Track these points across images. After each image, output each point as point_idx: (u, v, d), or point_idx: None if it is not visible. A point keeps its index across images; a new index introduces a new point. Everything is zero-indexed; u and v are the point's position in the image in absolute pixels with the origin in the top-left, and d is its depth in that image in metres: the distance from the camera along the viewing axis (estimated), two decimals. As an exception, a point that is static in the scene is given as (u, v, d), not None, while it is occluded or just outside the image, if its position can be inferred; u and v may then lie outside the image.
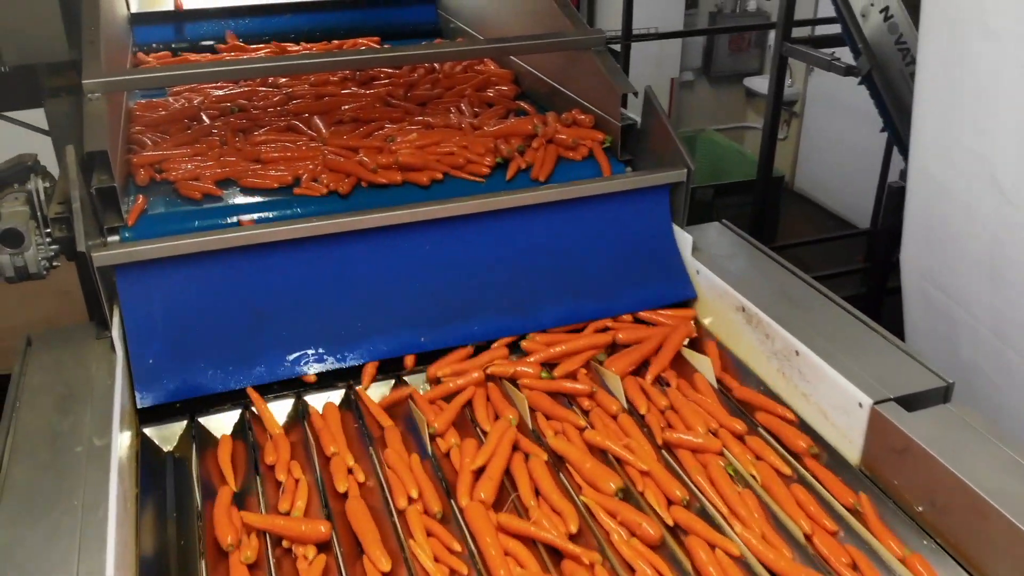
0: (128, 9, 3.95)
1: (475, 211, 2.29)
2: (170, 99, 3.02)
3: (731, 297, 2.26)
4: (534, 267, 2.37)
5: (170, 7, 4.05)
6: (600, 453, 1.98)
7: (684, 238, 2.47)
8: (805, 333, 2.07)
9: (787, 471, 1.92)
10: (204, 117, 2.81)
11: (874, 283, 5.27)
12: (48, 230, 2.28)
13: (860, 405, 1.86)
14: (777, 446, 2.00)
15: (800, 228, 7.65)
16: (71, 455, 1.70)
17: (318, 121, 2.70)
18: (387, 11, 4.32)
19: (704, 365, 2.24)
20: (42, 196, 2.28)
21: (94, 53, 2.50)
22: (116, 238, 2.28)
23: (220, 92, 3.06)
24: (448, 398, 2.15)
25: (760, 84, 8.47)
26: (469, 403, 2.14)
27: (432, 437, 2.03)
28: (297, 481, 1.90)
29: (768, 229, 6.32)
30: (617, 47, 5.42)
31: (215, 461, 1.99)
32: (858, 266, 6.68)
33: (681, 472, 1.95)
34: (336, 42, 3.84)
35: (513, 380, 2.20)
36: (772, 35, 8.24)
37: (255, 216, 2.30)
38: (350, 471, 1.91)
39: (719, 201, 6.45)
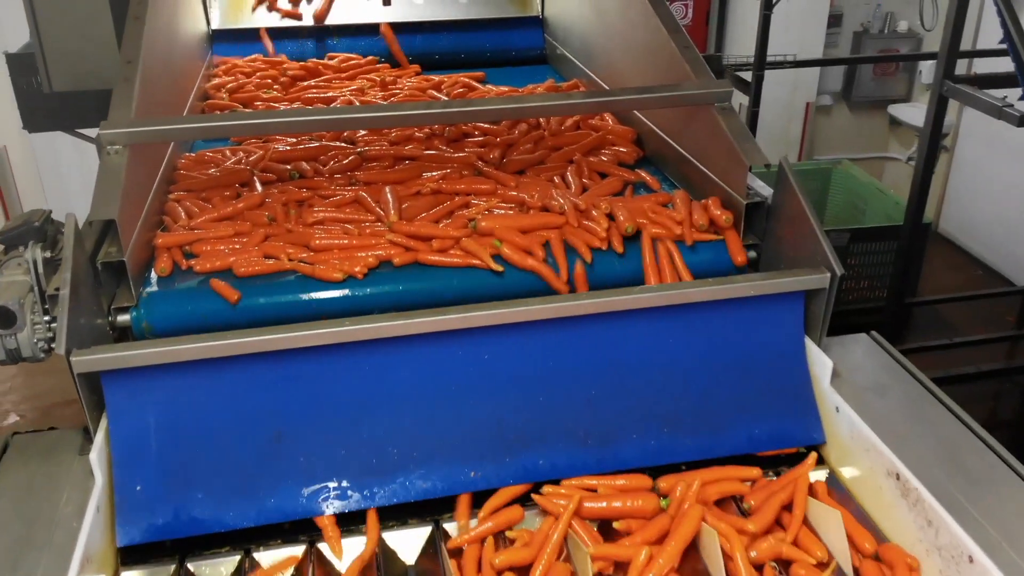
0: (208, 25, 3.65)
1: (551, 316, 1.81)
2: (227, 151, 2.63)
3: (882, 457, 1.70)
4: (620, 387, 1.87)
5: (257, 22, 3.73)
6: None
7: (820, 361, 1.92)
8: (984, 533, 1.51)
9: None
10: (256, 182, 2.36)
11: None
12: (48, 306, 1.94)
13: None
14: None
15: (944, 278, 6.83)
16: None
17: (389, 195, 2.19)
18: (491, 34, 3.91)
19: (833, 531, 1.68)
20: (40, 268, 1.93)
21: (125, 94, 2.15)
22: (126, 317, 1.93)
23: (285, 146, 2.64)
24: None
25: (907, 113, 7.65)
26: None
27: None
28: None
29: (910, 281, 5.60)
30: (748, 75, 4.84)
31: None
32: (1010, 332, 5.87)
33: None
34: (436, 78, 3.39)
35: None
36: (924, 62, 7.50)
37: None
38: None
39: (855, 247, 5.74)
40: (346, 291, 1.98)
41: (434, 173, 2.41)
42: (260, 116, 2.15)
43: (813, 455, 1.84)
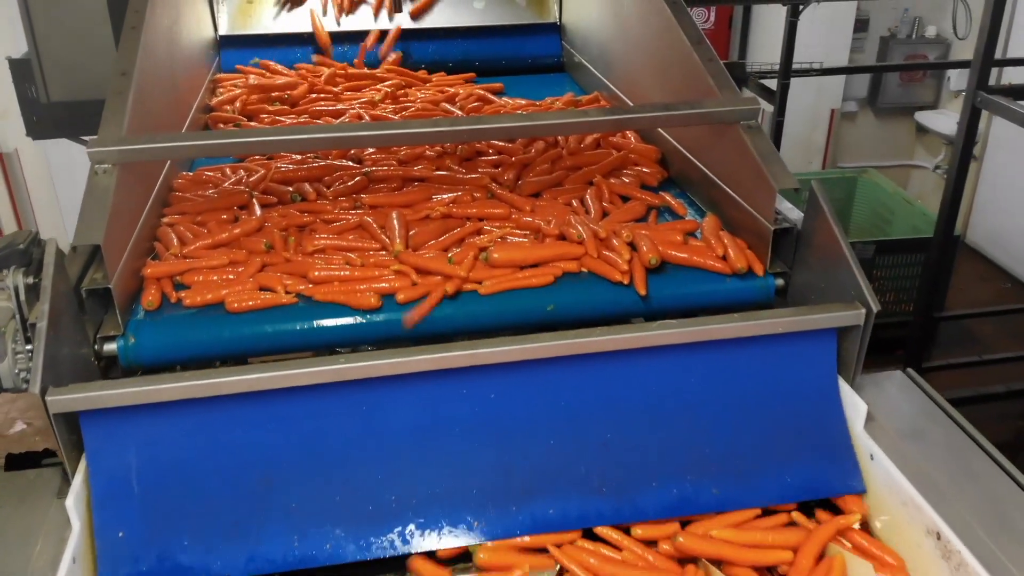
0: (215, 30, 3.55)
1: (563, 353, 1.69)
2: (227, 169, 2.50)
3: (921, 513, 1.56)
4: (638, 431, 1.74)
5: (263, 30, 3.62)
6: None
7: (854, 403, 1.79)
8: (1040, 606, 1.37)
9: None
10: (256, 205, 2.21)
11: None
12: (30, 334, 1.83)
13: None
14: None
15: (971, 290, 6.65)
16: None
17: (395, 221, 2.05)
18: (507, 41, 3.78)
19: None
20: (22, 294, 1.82)
21: (116, 109, 2.04)
22: (113, 347, 1.82)
23: (289, 164, 2.50)
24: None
25: (934, 120, 7.46)
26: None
27: None
28: None
29: (938, 296, 5.43)
30: (773, 83, 4.68)
31: None
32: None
33: None
34: (451, 89, 3.26)
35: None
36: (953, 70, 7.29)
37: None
38: None
39: (881, 260, 5.57)
40: (355, 319, 1.86)
41: (444, 196, 2.27)
42: (258, 134, 2.03)
43: (856, 514, 1.69)
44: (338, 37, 3.65)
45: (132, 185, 1.98)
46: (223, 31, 3.57)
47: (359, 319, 1.85)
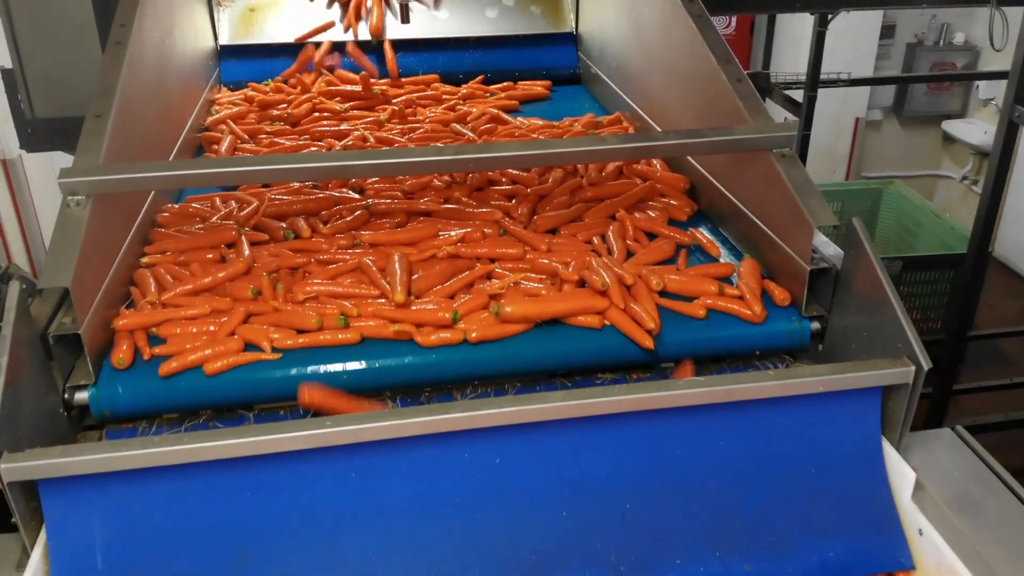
0: (215, 40, 3.39)
1: (577, 415, 1.51)
2: (218, 200, 2.32)
3: (980, 605, 1.38)
4: (661, 501, 1.56)
5: (267, 39, 3.47)
6: None
7: (900, 470, 1.60)
8: None
9: None
10: (244, 244, 2.00)
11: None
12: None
13: None
14: None
15: (1001, 306, 6.43)
16: None
17: (397, 265, 1.85)
18: (521, 52, 3.61)
19: None
20: (-18, 340, 1.66)
21: (95, 133, 1.88)
22: (84, 395, 1.66)
23: (283, 195, 2.30)
24: None
25: (962, 129, 7.24)
26: None
27: None
28: None
29: (969, 315, 5.21)
30: (799, 94, 4.49)
31: None
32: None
33: None
34: (463, 108, 3.07)
35: None
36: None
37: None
38: None
39: (908, 276, 5.36)
40: (358, 363, 1.71)
41: (452, 233, 2.08)
42: (245, 163, 1.86)
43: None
44: (347, 47, 3.50)
45: (109, 218, 1.82)
46: (224, 41, 3.42)
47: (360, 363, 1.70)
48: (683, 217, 2.26)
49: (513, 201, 2.26)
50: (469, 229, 2.09)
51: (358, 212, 2.17)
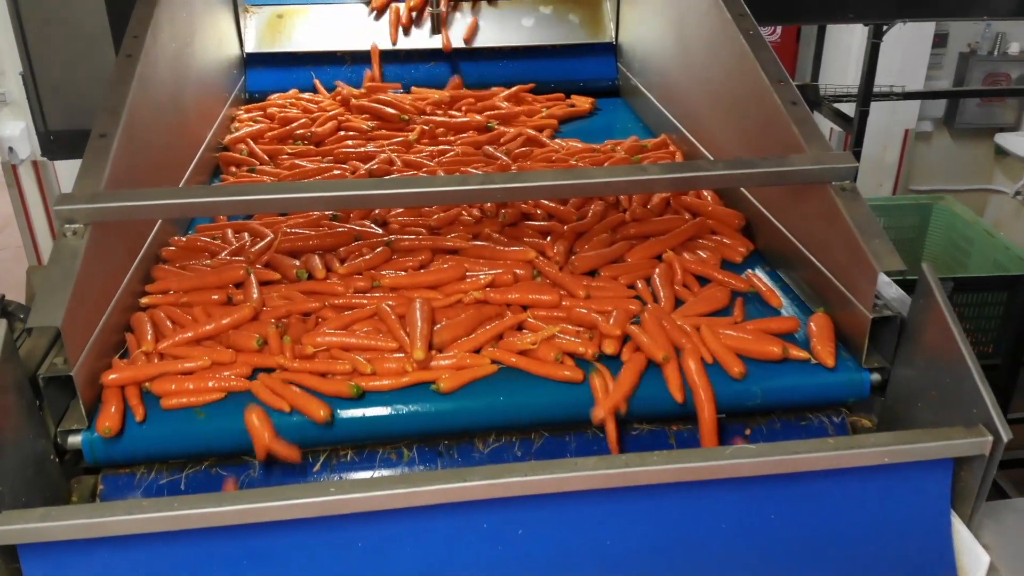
0: (241, 48, 3.28)
1: (609, 485, 1.36)
2: (230, 233, 2.15)
3: None
4: (702, 579, 1.40)
5: (295, 47, 3.35)
6: None
7: (972, 552, 1.43)
8: None
9: None
10: (253, 284, 1.83)
11: None
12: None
13: None
14: None
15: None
16: None
17: (418, 314, 1.69)
18: (559, 62, 3.46)
19: None
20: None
21: (98, 155, 1.76)
22: (77, 439, 1.54)
23: (300, 230, 2.11)
24: None
25: (1016, 142, 6.94)
26: None
27: None
28: None
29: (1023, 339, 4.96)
30: (848, 107, 4.28)
31: None
32: None
33: None
34: (496, 128, 2.86)
35: None
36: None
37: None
38: None
39: (959, 298, 5.10)
40: (369, 410, 1.57)
41: (481, 274, 1.89)
42: (256, 191, 1.71)
43: None
44: (386, 56, 3.38)
45: (108, 249, 1.70)
46: (250, 49, 3.31)
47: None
48: (738, 259, 2.05)
49: (548, 238, 2.08)
50: (499, 271, 1.90)
51: (379, 250, 1.99)
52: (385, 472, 1.61)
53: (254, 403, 1.56)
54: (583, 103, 3.18)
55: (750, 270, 2.00)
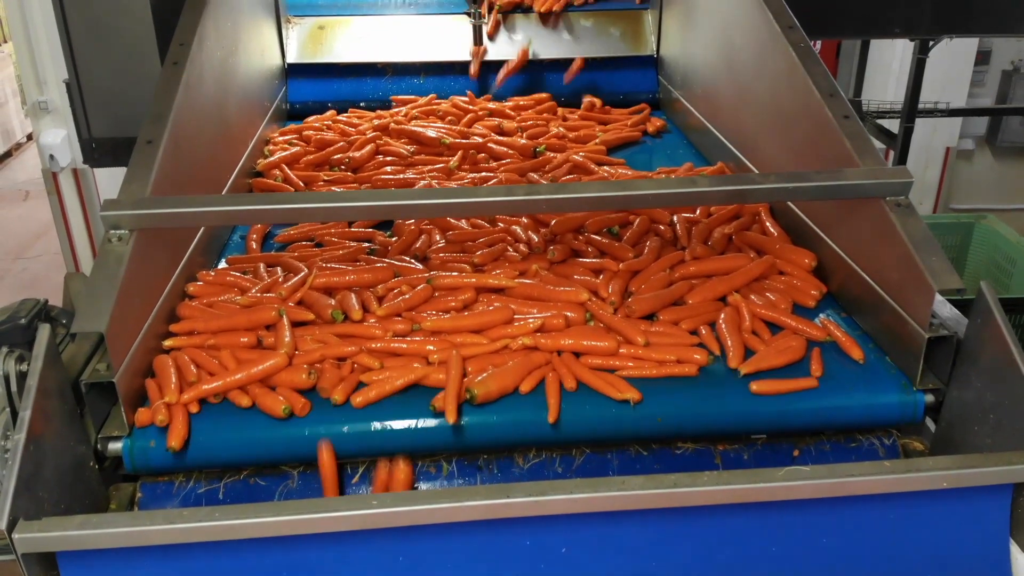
0: (283, 58, 3.29)
1: (656, 505, 1.32)
2: (261, 267, 2.03)
3: None
4: (750, 604, 1.36)
5: (335, 59, 3.36)
6: None
7: (1033, 581, 1.37)
8: None
9: None
10: (285, 327, 1.70)
11: None
12: (23, 430, 1.55)
13: None
14: None
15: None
16: None
17: (454, 368, 1.59)
18: (599, 74, 3.43)
19: None
20: (13, 384, 1.54)
21: (144, 161, 1.77)
22: (118, 446, 1.53)
23: (338, 261, 2.03)
24: None
25: (1062, 161, 6.82)
26: None
27: None
28: None
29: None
30: (891, 124, 4.22)
31: None
32: None
33: None
34: (544, 154, 2.77)
35: None
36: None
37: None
38: None
39: (1003, 320, 4.99)
40: (403, 423, 1.55)
41: (530, 318, 1.77)
42: (298, 200, 1.71)
43: None
44: (416, 68, 3.38)
45: (153, 255, 1.70)
46: (291, 59, 3.32)
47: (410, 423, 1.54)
48: (810, 303, 1.87)
49: (601, 277, 1.94)
50: (549, 313, 1.78)
51: (419, 287, 1.86)
52: (424, 485, 1.59)
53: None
54: (634, 132, 3.06)
55: (823, 315, 1.86)
